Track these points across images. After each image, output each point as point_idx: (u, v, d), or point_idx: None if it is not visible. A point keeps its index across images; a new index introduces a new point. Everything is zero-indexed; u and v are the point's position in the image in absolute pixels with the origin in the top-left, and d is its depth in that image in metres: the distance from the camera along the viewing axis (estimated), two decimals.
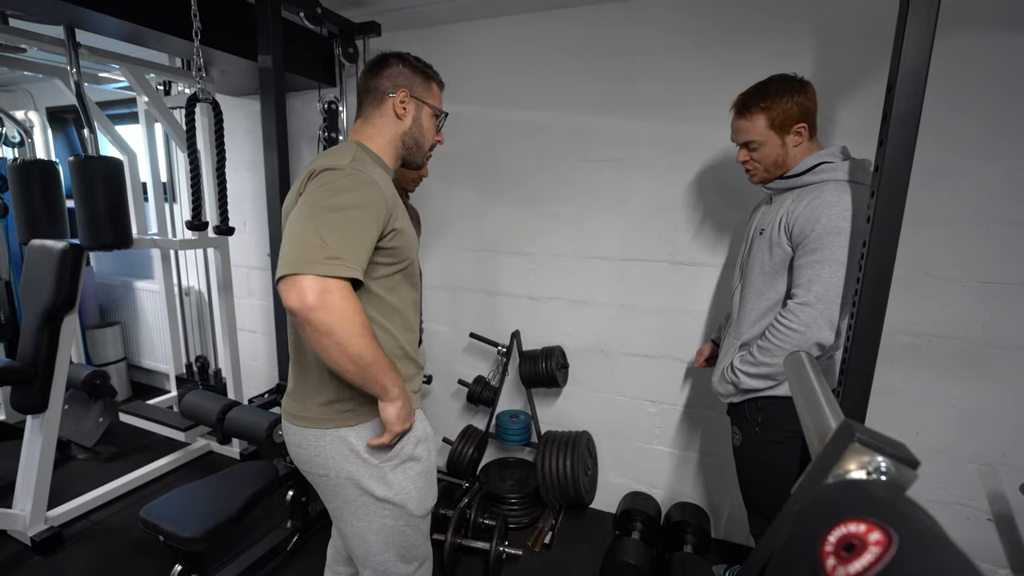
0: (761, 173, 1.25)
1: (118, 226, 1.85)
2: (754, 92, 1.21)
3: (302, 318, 0.79)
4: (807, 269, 1.13)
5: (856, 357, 1.01)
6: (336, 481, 0.99)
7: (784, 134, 1.19)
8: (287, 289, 0.79)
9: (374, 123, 1.04)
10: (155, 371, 3.22)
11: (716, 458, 1.97)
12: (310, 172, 0.91)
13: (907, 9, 0.89)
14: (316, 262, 0.79)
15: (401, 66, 1.04)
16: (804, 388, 0.69)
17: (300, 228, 0.83)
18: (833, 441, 0.50)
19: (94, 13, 1.49)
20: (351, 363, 0.84)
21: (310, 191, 0.88)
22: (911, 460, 0.46)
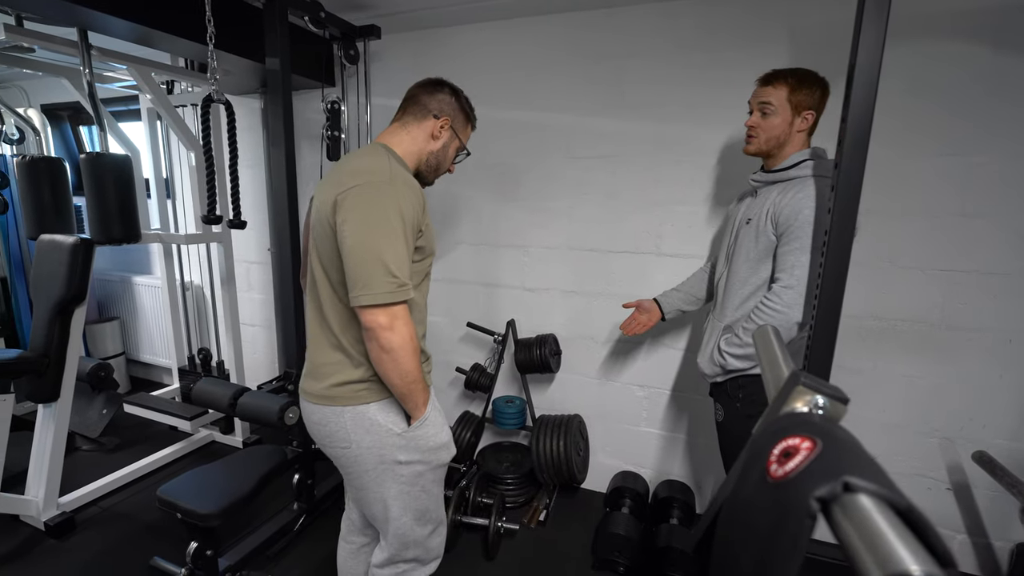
0: (759, 143, 1.35)
1: (127, 221, 1.92)
2: (785, 69, 1.32)
3: (374, 335, 0.96)
4: (790, 256, 1.25)
5: (819, 334, 1.13)
6: (357, 452, 1.08)
7: (795, 114, 1.30)
8: (369, 312, 0.96)
9: (410, 132, 1.13)
10: (154, 365, 3.27)
11: (701, 438, 2.10)
12: (355, 181, 0.97)
13: (861, 20, 1.01)
14: (392, 293, 0.95)
15: (453, 99, 1.16)
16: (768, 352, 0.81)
17: (372, 256, 0.94)
18: (784, 386, 0.62)
19: (108, 16, 1.56)
20: (399, 378, 1.00)
21: (362, 205, 0.95)
22: (843, 398, 0.58)
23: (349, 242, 0.95)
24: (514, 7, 1.99)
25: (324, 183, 1.06)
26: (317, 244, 1.05)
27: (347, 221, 0.96)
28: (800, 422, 0.55)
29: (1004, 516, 1.75)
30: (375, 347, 0.98)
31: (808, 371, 1.19)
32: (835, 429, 0.53)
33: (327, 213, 1.00)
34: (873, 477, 0.43)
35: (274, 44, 1.68)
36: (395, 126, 1.15)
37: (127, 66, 1.96)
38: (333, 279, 1.04)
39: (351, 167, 1.02)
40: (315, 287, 1.09)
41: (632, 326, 1.69)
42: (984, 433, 1.74)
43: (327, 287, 1.05)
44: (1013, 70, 1.55)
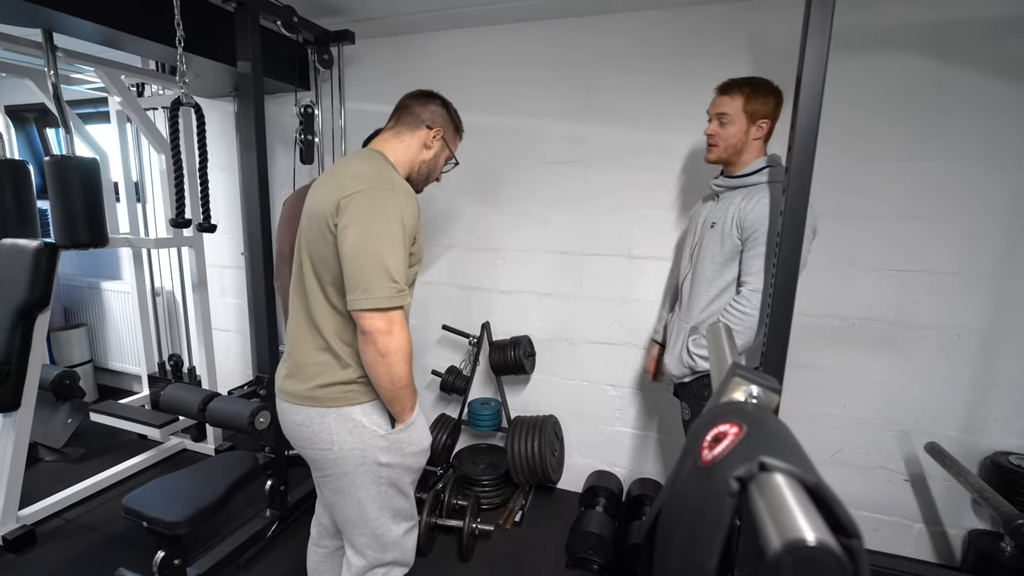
0: (719, 151, 1.41)
1: (94, 225, 1.88)
2: (741, 79, 1.39)
3: (372, 338, 0.98)
4: (757, 260, 1.30)
5: (773, 332, 1.18)
6: (339, 454, 1.07)
7: (751, 122, 1.36)
8: (368, 316, 0.97)
9: (404, 140, 1.15)
10: (123, 373, 3.20)
11: (672, 436, 2.14)
12: (359, 185, 0.99)
13: (806, 33, 1.07)
14: (392, 298, 0.97)
15: (444, 110, 1.20)
16: (717, 348, 0.85)
17: (374, 261, 0.96)
18: (723, 378, 0.66)
19: (74, 18, 1.54)
20: (391, 382, 1.02)
21: (366, 210, 0.97)
22: (775, 388, 0.62)
23: (351, 246, 0.96)
24: (489, 15, 2.02)
25: (322, 185, 1.07)
26: (310, 246, 1.05)
27: (350, 225, 0.97)
28: (732, 410, 0.58)
29: (957, 504, 1.83)
30: (371, 351, 0.99)
31: (764, 368, 1.24)
32: (764, 416, 0.56)
33: (326, 215, 1.00)
34: (788, 457, 0.46)
35: (246, 48, 1.68)
36: (388, 134, 1.17)
37: (95, 68, 1.93)
38: (324, 280, 1.04)
39: (353, 171, 1.03)
40: (302, 288, 1.09)
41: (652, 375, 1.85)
42: (937, 426, 1.82)
43: (316, 288, 1.05)
44: (954, 80, 1.64)
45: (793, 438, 0.51)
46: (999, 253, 1.69)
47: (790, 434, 0.52)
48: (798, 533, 0.35)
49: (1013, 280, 1.68)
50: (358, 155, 1.13)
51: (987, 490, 1.53)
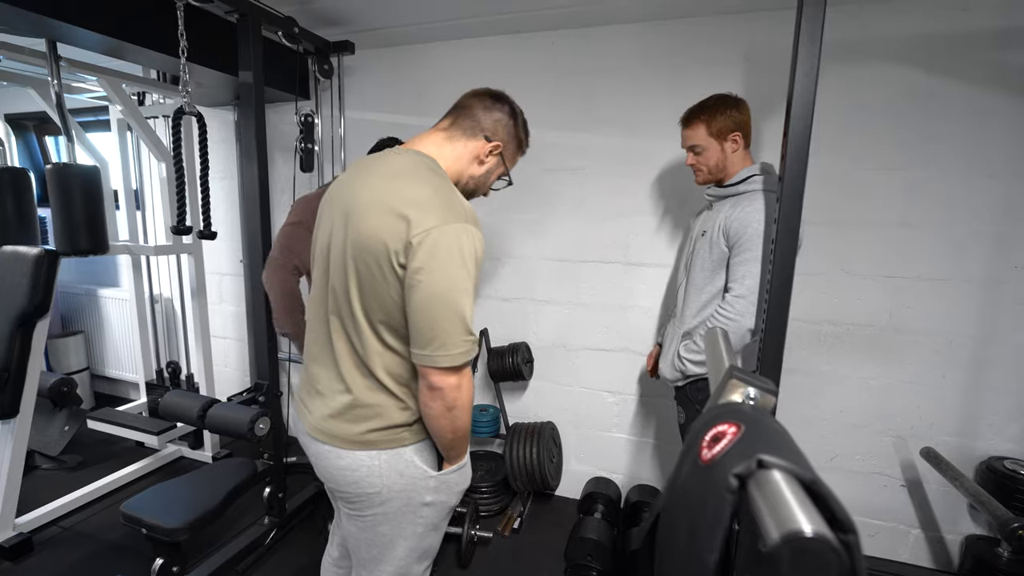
0: (705, 174, 1.46)
1: (94, 232, 1.89)
2: (696, 107, 1.44)
3: (442, 394, 0.90)
4: (741, 267, 1.32)
5: (769, 338, 1.20)
6: (385, 497, 0.98)
7: (722, 141, 1.40)
8: (442, 373, 0.89)
9: (456, 148, 1.01)
10: (120, 380, 3.18)
11: (670, 442, 2.15)
12: (430, 219, 0.85)
13: (797, 45, 1.10)
14: (468, 352, 0.89)
15: (511, 121, 1.05)
16: (714, 352, 0.86)
17: (453, 312, 0.86)
18: (721, 380, 0.67)
19: (78, 28, 1.56)
20: (452, 433, 0.96)
21: (443, 253, 0.84)
22: (772, 390, 0.63)
23: (426, 296, 0.85)
24: (488, 26, 2.06)
25: (368, 208, 0.89)
26: (360, 280, 0.91)
27: (425, 269, 0.84)
28: (730, 410, 0.60)
29: (953, 510, 1.85)
30: (439, 406, 0.92)
31: (760, 373, 1.26)
32: (761, 416, 0.58)
33: (387, 251, 0.86)
34: (785, 455, 0.48)
35: (247, 58, 1.70)
36: (440, 136, 1.02)
37: (97, 78, 1.95)
38: (376, 318, 0.92)
39: (413, 194, 0.88)
40: (347, 321, 0.95)
41: (654, 372, 1.82)
42: (932, 431, 1.84)
43: (366, 326, 0.93)
44: (943, 91, 1.68)
45: (790, 437, 0.53)
46: (989, 259, 1.72)
47: (787, 433, 0.54)
48: (795, 525, 0.37)
49: (1003, 286, 1.71)
50: (410, 165, 0.95)
51: (983, 495, 1.54)
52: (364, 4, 1.92)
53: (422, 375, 0.92)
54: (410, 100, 2.31)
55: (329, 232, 0.98)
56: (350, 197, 0.94)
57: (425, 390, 0.92)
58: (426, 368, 0.90)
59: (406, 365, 0.95)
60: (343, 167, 2.30)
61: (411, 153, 0.98)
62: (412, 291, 0.86)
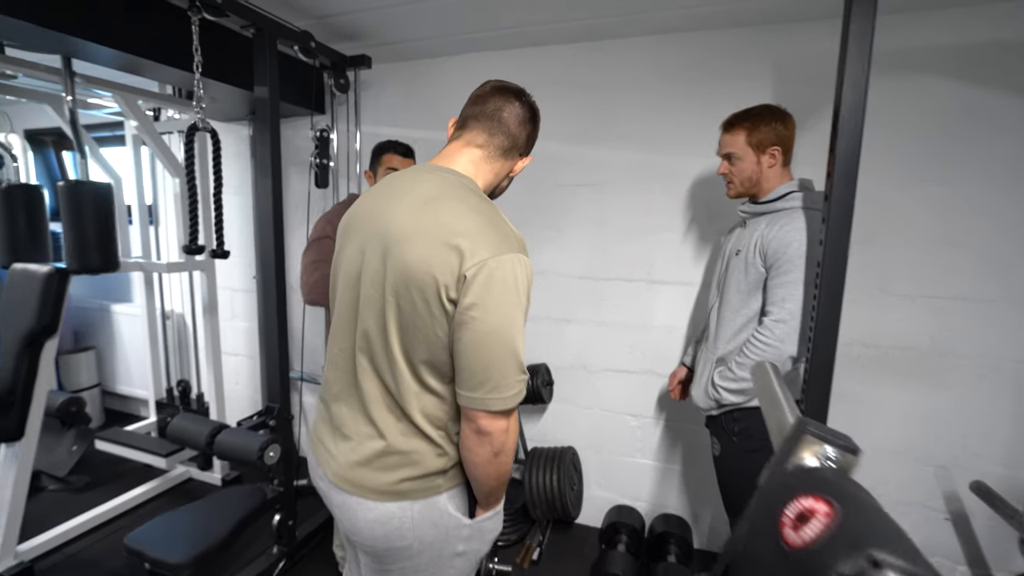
0: (737, 187, 1.39)
1: (105, 250, 1.86)
2: (741, 113, 1.36)
3: (490, 439, 0.84)
4: (780, 289, 1.24)
5: (816, 367, 1.11)
6: (416, 550, 0.91)
7: (760, 153, 1.32)
8: (493, 417, 0.82)
9: (493, 168, 0.95)
10: (131, 397, 3.15)
11: (696, 468, 2.05)
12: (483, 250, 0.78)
13: (844, 58, 1.02)
14: (520, 393, 0.83)
15: (535, 133, 0.99)
16: (768, 393, 0.78)
17: (508, 351, 0.80)
18: (790, 435, 0.59)
19: (94, 44, 1.54)
20: (496, 479, 0.89)
21: (498, 287, 0.78)
22: (853, 448, 0.55)
23: (481, 334, 0.79)
24: (505, 39, 2.02)
25: (411, 238, 0.82)
26: (401, 315, 0.83)
27: (479, 305, 0.78)
28: (812, 479, 0.52)
29: (1003, 546, 1.72)
30: (487, 451, 0.85)
31: (805, 405, 1.17)
32: (850, 487, 0.50)
33: (435, 284, 0.79)
34: (899, 549, 0.39)
35: (263, 73, 1.67)
36: (477, 154, 0.93)
37: (112, 93, 1.93)
38: (417, 357, 0.84)
39: (462, 224, 0.81)
40: (380, 360, 0.87)
41: (675, 393, 1.75)
42: (978, 461, 1.73)
43: (403, 364, 0.85)
44: (990, 103, 1.59)
45: (892, 520, 0.45)
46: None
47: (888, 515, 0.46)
48: None
49: None
50: (449, 187, 0.87)
51: None
52: (381, 18, 1.88)
53: (469, 418, 0.84)
54: (424, 114, 2.27)
55: (358, 262, 0.89)
56: (386, 224, 0.86)
57: (471, 435, 0.85)
58: (476, 412, 0.83)
59: (444, 407, 0.88)
60: (358, 183, 2.26)
61: (446, 173, 0.91)
62: (463, 329, 0.79)
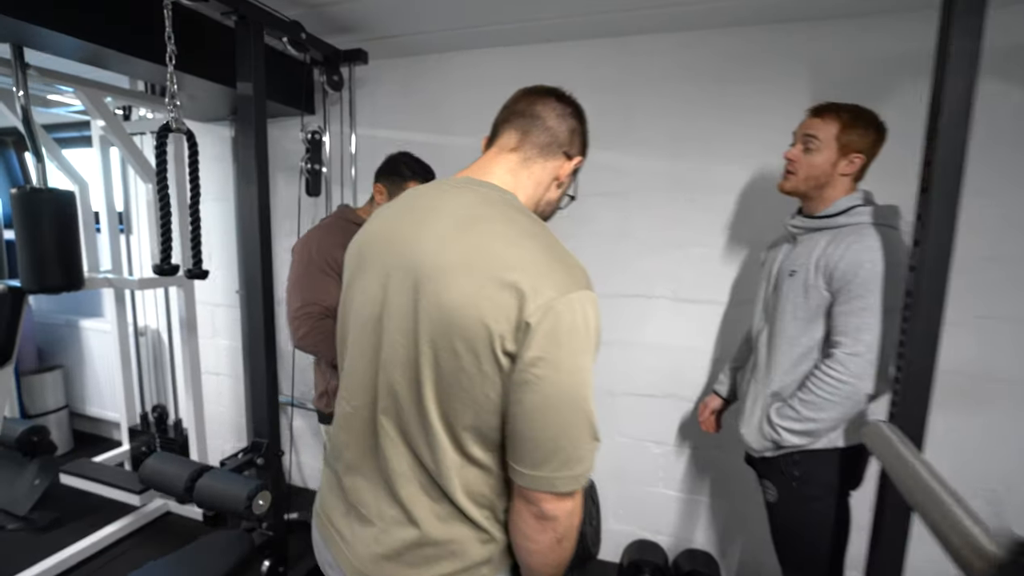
0: (797, 180, 1.21)
1: (68, 266, 1.63)
2: (841, 103, 1.19)
3: (555, 524, 0.67)
4: (853, 317, 1.08)
5: (905, 414, 0.96)
6: None
7: (842, 155, 1.16)
8: (560, 499, 0.66)
9: (534, 173, 0.78)
10: (102, 419, 2.90)
11: (724, 500, 1.90)
12: (548, 288, 0.62)
13: (946, 52, 0.87)
14: (592, 467, 0.69)
15: (582, 128, 0.83)
16: (923, 487, 0.62)
17: (582, 417, 0.66)
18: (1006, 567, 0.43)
19: (48, 32, 1.32)
20: (554, 568, 0.73)
21: (567, 335, 0.62)
22: None
23: (547, 393, 0.62)
24: (516, 34, 1.84)
25: (453, 269, 0.65)
26: (440, 369, 0.66)
27: (546, 360, 0.61)
28: None
29: None
30: (548, 539, 0.68)
31: None
32: None
33: (486, 333, 0.62)
34: None
35: (247, 67, 1.47)
36: (512, 159, 0.77)
37: (75, 89, 1.71)
38: (460, 423, 0.67)
39: (515, 255, 0.64)
40: (411, 425, 0.70)
41: (707, 425, 1.60)
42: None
43: (442, 431, 0.68)
44: None
45: None
46: None
47: None
48: None
49: None
50: (490, 206, 0.71)
51: None
52: (378, 9, 1.69)
53: (528, 500, 0.67)
54: (425, 115, 2.08)
55: (378, 300, 0.72)
56: (415, 253, 0.68)
57: (531, 520, 0.68)
58: (539, 493, 0.66)
59: (491, 481, 0.71)
60: (353, 191, 2.06)
61: (483, 187, 0.74)
62: (526, 389, 0.62)
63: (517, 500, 0.69)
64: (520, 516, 0.69)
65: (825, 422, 1.13)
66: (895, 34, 1.55)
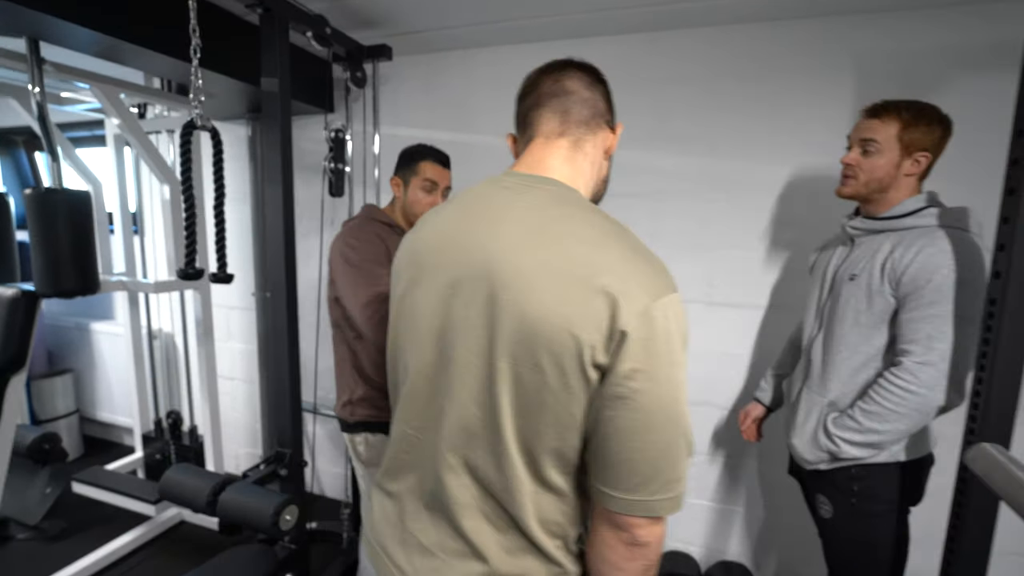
0: (857, 185, 1.15)
1: (83, 269, 1.58)
2: (900, 101, 1.12)
3: (646, 551, 0.62)
4: (925, 324, 1.02)
5: (989, 423, 0.89)
6: None
7: (906, 155, 1.10)
8: (655, 523, 0.61)
9: (588, 155, 0.72)
10: (113, 424, 2.84)
11: (758, 510, 1.83)
12: (642, 293, 0.57)
13: None
14: (685, 490, 0.62)
15: (609, 93, 0.77)
16: None
17: (680, 431, 0.60)
18: None
19: (67, 24, 1.27)
20: None
21: (663, 344, 0.57)
22: None
23: (646, 408, 0.57)
24: (546, 29, 1.78)
25: (535, 274, 0.59)
26: (521, 387, 0.60)
27: (644, 371, 0.56)
28: None
29: None
30: (637, 566, 0.62)
31: None
32: None
33: (567, 341, 0.56)
34: None
35: (273, 62, 1.41)
36: (562, 144, 0.71)
37: (90, 86, 1.65)
38: (541, 446, 0.61)
39: (603, 255, 0.59)
40: (481, 451, 0.64)
41: (748, 434, 1.54)
42: None
43: (520, 459, 0.62)
44: None
45: None
46: None
47: None
48: None
49: None
50: (563, 204, 0.66)
51: None
52: (406, 2, 1.63)
53: (619, 527, 0.61)
54: (449, 113, 2.02)
55: (440, 312, 0.66)
56: (486, 259, 0.62)
57: (620, 547, 0.62)
58: (633, 518, 0.60)
59: (565, 507, 0.66)
60: (376, 192, 2.00)
61: (543, 183, 0.68)
62: (620, 405, 0.57)
63: (603, 527, 0.63)
64: (607, 544, 0.63)
65: (889, 434, 1.07)
66: (941, 29, 1.49)
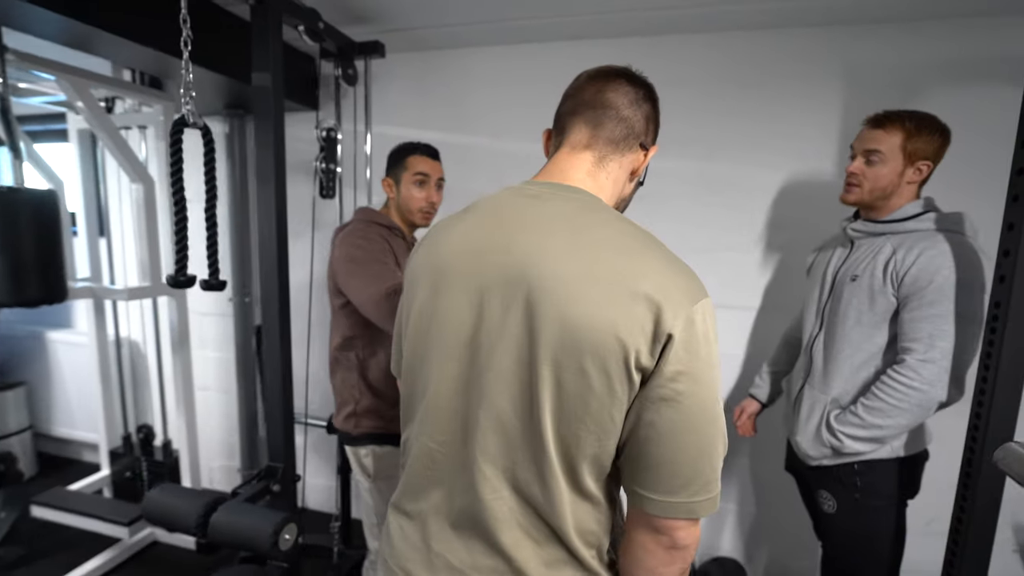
0: (862, 193, 1.19)
1: (48, 276, 1.47)
2: (904, 112, 1.16)
3: (684, 555, 0.63)
4: (926, 323, 1.07)
5: (994, 421, 0.94)
6: None
7: (909, 164, 1.14)
8: (693, 525, 0.61)
9: (611, 173, 0.71)
10: (71, 440, 2.65)
11: (749, 507, 1.88)
12: (684, 302, 0.57)
13: None
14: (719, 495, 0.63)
15: (656, 112, 0.74)
16: None
17: (719, 431, 0.59)
18: None
19: (34, 8, 1.16)
20: None
21: (704, 347, 0.57)
22: None
23: (690, 410, 0.57)
24: (544, 30, 1.77)
25: (576, 280, 0.58)
26: (563, 393, 0.59)
27: (687, 374, 0.56)
28: None
29: None
30: (677, 570, 0.63)
31: None
32: None
33: (613, 346, 0.56)
34: None
35: (265, 57, 1.33)
36: (587, 158, 0.70)
37: (56, 77, 1.53)
38: (581, 453, 0.60)
39: (642, 262, 0.60)
40: (522, 463, 0.63)
41: (744, 429, 1.57)
42: None
43: (560, 466, 0.61)
44: None
45: None
46: None
47: None
48: None
49: None
50: (592, 212, 0.65)
51: None
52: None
53: (659, 530, 0.61)
54: (443, 112, 1.98)
55: (470, 321, 0.65)
56: (524, 265, 0.61)
57: (659, 552, 0.62)
58: (673, 521, 0.60)
59: (599, 515, 0.65)
60: (368, 193, 1.93)
61: (572, 192, 0.68)
62: (664, 407, 0.57)
63: (641, 532, 0.63)
64: (645, 549, 0.63)
65: (892, 429, 1.12)
66: (936, 41, 1.55)
